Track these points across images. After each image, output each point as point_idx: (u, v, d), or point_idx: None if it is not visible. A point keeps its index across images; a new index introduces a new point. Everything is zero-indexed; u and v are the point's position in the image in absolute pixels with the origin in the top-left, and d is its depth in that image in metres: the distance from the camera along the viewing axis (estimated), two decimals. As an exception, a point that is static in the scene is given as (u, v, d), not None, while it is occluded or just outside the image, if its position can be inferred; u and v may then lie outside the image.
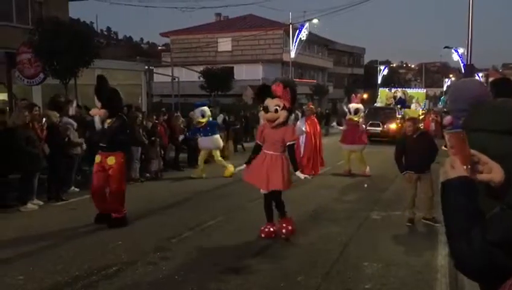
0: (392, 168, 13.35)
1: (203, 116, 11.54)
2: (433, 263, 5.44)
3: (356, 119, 12.32)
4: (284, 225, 6.40)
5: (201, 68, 24.66)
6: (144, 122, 11.59)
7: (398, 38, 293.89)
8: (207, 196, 9.44)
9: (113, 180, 6.90)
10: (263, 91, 6.42)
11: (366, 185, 10.67)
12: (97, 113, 6.93)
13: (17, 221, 7.32)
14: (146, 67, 22.21)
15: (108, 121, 6.91)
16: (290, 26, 33.10)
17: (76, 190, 9.61)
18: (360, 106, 12.49)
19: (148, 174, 11.41)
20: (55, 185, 8.90)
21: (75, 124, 9.64)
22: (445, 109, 22.62)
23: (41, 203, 8.38)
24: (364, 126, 12.77)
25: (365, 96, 28.74)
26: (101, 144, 6.99)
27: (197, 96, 21.24)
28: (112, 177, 6.89)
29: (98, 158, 7.01)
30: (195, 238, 6.40)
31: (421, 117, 24.96)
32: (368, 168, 12.08)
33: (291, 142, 6.26)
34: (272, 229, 6.36)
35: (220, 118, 12.18)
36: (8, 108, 11.50)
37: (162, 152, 12.27)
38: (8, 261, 5.36)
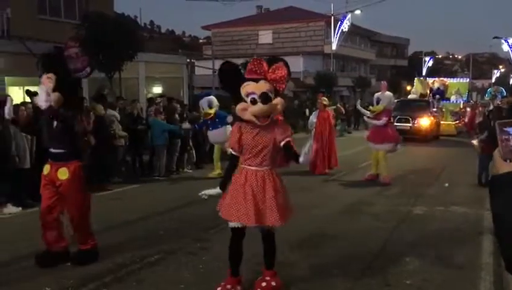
0: (437, 163, 13.08)
1: (210, 106, 9.99)
2: (477, 261, 5.27)
3: (375, 110, 9.93)
4: (268, 278, 4.32)
5: (242, 61, 24.79)
6: (185, 114, 11.81)
7: (444, 29, 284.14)
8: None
9: (68, 202, 4.90)
10: (235, 72, 4.18)
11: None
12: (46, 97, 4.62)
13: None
14: (188, 60, 22.50)
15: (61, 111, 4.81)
16: (332, 17, 32.72)
17: (120, 180, 9.92)
18: (382, 94, 9.90)
19: (189, 166, 11.62)
20: (101, 176, 9.19)
21: (119, 116, 9.93)
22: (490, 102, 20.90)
23: (87, 192, 8.69)
24: (385, 119, 9.88)
25: (409, 88, 27.47)
26: (50, 150, 4.98)
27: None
28: (66, 198, 4.89)
29: (46, 168, 4.95)
30: (234, 229, 6.46)
31: (462, 110, 22.87)
32: (387, 175, 9.84)
33: (287, 140, 4.00)
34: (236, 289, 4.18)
35: (229, 118, 9.90)
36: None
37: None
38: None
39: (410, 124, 18.88)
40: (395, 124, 16.52)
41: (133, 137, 10.22)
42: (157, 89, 20.08)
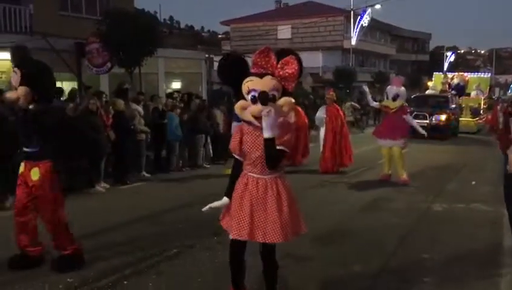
0: (456, 160, 12.89)
1: None
2: (497, 258, 5.21)
3: (393, 107, 9.43)
4: None
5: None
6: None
7: (466, 23, 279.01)
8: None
9: (42, 206, 4.60)
10: (238, 64, 3.43)
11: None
12: (14, 97, 4.46)
13: (85, 203, 7.74)
14: (206, 55, 22.53)
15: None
16: (352, 12, 32.43)
17: (147, 175, 10.07)
18: (399, 89, 9.44)
19: (207, 161, 11.71)
20: (121, 170, 9.31)
21: (142, 112, 10.03)
22: None
23: (107, 186, 8.83)
24: (405, 116, 9.62)
25: (430, 84, 26.87)
26: (24, 148, 4.64)
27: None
28: (39, 201, 4.59)
29: (21, 167, 4.68)
30: (252, 224, 6.49)
31: (482, 106, 22.29)
32: (405, 174, 9.45)
33: (280, 148, 3.31)
34: None
35: None
36: (78, 96, 12.11)
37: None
38: (76, 240, 5.69)
39: (426, 121, 17.94)
40: None
41: (156, 132, 10.32)
42: (176, 85, 20.21)
